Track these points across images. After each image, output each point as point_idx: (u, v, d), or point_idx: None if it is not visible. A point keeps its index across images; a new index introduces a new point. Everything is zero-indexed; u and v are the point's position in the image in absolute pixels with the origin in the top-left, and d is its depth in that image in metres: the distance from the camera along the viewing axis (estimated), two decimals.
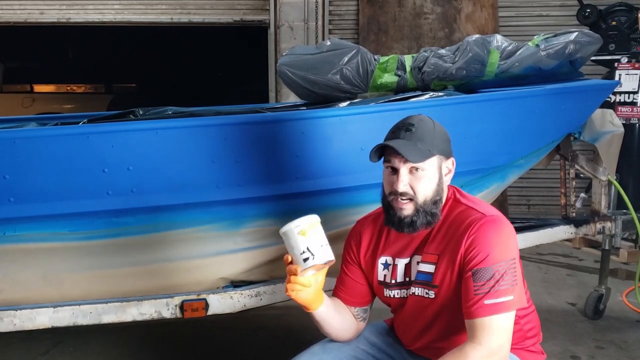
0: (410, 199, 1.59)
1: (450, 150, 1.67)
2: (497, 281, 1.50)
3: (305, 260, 1.49)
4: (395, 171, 1.61)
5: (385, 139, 1.65)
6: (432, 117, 1.69)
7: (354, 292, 1.79)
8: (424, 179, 1.59)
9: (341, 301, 1.79)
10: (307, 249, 1.49)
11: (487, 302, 1.49)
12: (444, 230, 1.64)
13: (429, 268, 1.64)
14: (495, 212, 1.63)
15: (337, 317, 1.71)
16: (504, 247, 1.54)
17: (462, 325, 1.55)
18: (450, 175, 1.68)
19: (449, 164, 1.67)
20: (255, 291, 2.24)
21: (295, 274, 1.51)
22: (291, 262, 1.52)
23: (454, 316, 1.59)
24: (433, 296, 1.63)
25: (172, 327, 3.13)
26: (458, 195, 1.69)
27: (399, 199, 1.60)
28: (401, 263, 1.70)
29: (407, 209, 1.60)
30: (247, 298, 2.23)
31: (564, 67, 2.67)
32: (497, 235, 1.55)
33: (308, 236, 1.50)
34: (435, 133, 1.63)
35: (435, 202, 1.61)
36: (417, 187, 1.59)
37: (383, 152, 1.63)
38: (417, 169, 1.58)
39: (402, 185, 1.58)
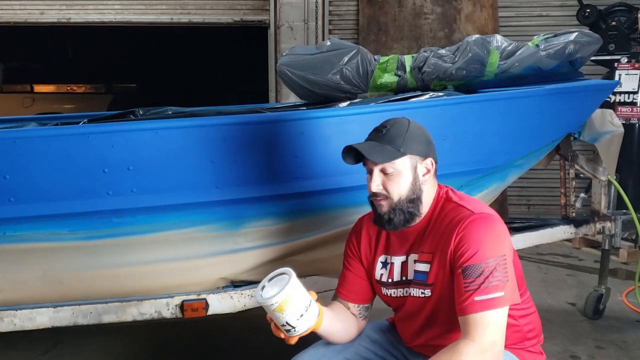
0: (385, 198, 1.64)
1: (429, 151, 1.68)
2: (487, 277, 1.51)
3: (288, 331, 1.51)
4: (371, 172, 1.65)
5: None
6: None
7: (356, 288, 1.80)
8: (396, 179, 1.63)
9: (343, 299, 1.80)
10: (287, 322, 1.48)
11: (477, 298, 1.50)
12: (436, 229, 1.65)
13: (424, 267, 1.65)
14: (486, 209, 1.65)
15: (339, 326, 1.72)
16: (493, 243, 1.55)
17: None
18: (429, 175, 1.68)
19: (428, 164, 1.68)
20: (255, 291, 2.24)
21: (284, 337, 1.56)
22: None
23: (451, 313, 1.60)
24: (429, 294, 1.65)
25: (172, 327, 3.13)
26: (450, 194, 1.71)
27: (375, 198, 1.65)
28: (397, 261, 1.72)
29: (384, 205, 1.64)
30: (247, 298, 2.23)
31: (563, 67, 2.67)
32: (486, 232, 1.56)
33: (285, 311, 1.47)
34: (409, 134, 1.64)
35: (411, 200, 1.64)
36: (389, 187, 1.63)
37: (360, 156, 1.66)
38: (387, 169, 1.62)
39: (375, 186, 1.64)
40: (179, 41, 9.15)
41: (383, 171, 1.63)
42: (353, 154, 1.65)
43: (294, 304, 1.47)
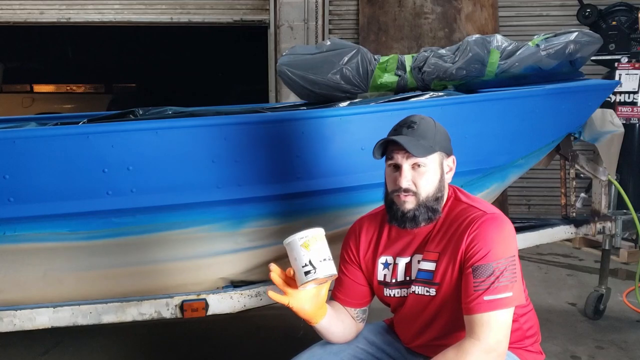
0: (413, 194, 1.61)
1: (451, 149, 1.70)
2: (497, 278, 1.52)
3: (307, 273, 1.49)
4: (397, 168, 1.62)
5: (387, 137, 1.66)
6: (432, 117, 1.71)
7: (354, 294, 1.78)
8: (426, 175, 1.61)
9: (340, 303, 1.78)
10: (310, 262, 1.49)
11: (486, 298, 1.51)
12: (445, 229, 1.65)
13: (429, 266, 1.64)
14: (495, 210, 1.65)
15: (338, 325, 1.71)
16: (504, 244, 1.56)
17: (464, 322, 1.55)
18: (451, 174, 1.70)
19: (450, 162, 1.69)
20: (255, 291, 2.24)
21: (294, 287, 1.51)
22: (293, 275, 1.51)
23: (455, 313, 1.60)
24: (434, 294, 1.64)
25: (171, 327, 3.13)
26: (459, 194, 1.71)
27: (401, 194, 1.61)
28: (402, 262, 1.70)
29: (409, 202, 1.61)
30: (247, 298, 2.23)
31: (564, 67, 2.67)
32: (498, 233, 1.56)
33: (311, 249, 1.49)
34: (437, 131, 1.65)
35: (437, 198, 1.63)
36: (420, 182, 1.60)
37: (385, 149, 1.64)
38: (419, 165, 1.60)
39: (405, 181, 1.60)
40: (178, 41, 9.15)
41: (414, 167, 1.60)
42: (382, 148, 1.64)
43: (320, 244, 1.50)
